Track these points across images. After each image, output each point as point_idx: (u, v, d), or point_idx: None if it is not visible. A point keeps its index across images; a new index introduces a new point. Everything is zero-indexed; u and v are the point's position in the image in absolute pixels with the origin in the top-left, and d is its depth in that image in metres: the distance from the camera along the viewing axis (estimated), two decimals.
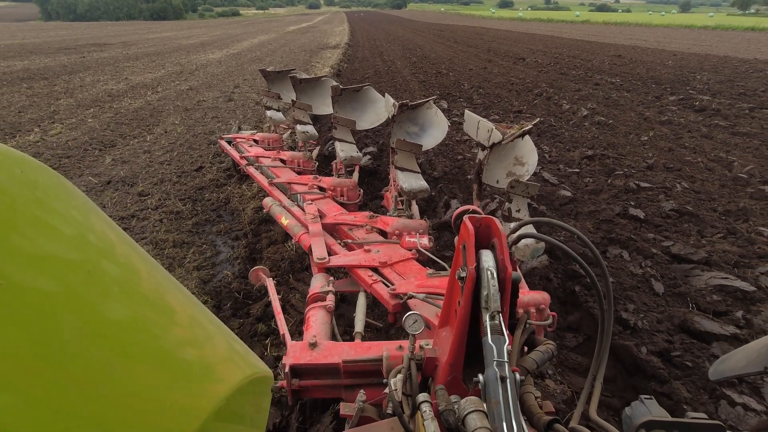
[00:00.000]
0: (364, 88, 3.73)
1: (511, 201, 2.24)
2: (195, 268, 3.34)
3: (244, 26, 42.78)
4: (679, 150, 5.67)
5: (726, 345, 2.31)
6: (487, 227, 1.25)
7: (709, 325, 2.44)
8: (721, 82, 10.67)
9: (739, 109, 7.89)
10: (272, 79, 4.92)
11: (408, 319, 1.32)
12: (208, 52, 20.38)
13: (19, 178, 0.50)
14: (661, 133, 6.48)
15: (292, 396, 1.66)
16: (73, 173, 5.31)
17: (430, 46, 22.27)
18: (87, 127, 7.57)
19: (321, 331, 1.88)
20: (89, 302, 0.50)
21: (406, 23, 47.34)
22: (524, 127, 2.36)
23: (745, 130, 6.51)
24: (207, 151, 6.08)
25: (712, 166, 5.05)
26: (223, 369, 0.62)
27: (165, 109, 9.07)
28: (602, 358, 1.30)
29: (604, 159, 5.30)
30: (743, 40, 26.27)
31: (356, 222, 2.82)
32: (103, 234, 0.59)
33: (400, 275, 2.24)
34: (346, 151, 3.41)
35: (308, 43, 23.79)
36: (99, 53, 19.94)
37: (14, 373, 0.42)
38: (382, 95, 3.62)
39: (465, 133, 3.17)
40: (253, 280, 2.47)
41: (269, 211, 3.33)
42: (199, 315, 0.68)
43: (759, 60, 15.62)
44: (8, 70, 14.48)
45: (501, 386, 0.95)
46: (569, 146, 5.94)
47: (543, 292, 1.97)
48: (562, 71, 13.30)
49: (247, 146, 4.59)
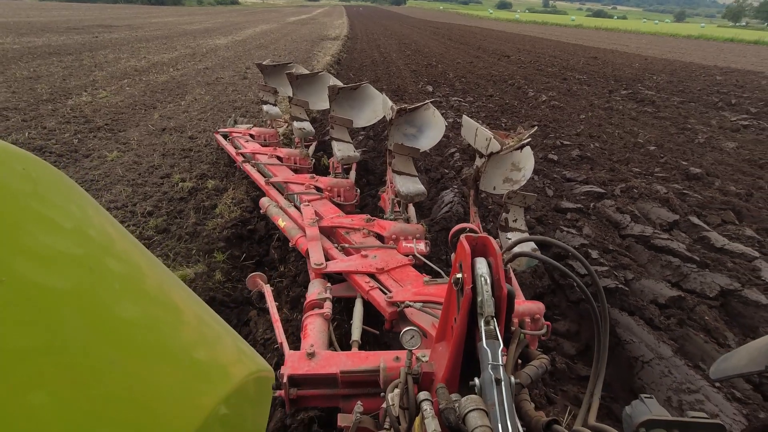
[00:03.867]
0: (361, 86, 3.72)
1: (508, 211, 2.26)
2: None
3: (245, 15, 43.73)
4: (605, 125, 7.29)
5: (575, 214, 3.89)
6: (483, 246, 1.27)
7: (568, 205, 4.04)
8: (670, 82, 12.36)
9: (671, 101, 9.56)
10: (269, 73, 4.82)
11: (405, 335, 1.35)
12: (215, 38, 21.51)
13: (20, 173, 0.49)
14: (598, 114, 8.11)
15: (290, 405, 1.68)
16: (131, 123, 6.75)
17: (424, 41, 23.73)
18: (127, 93, 8.96)
19: (318, 340, 1.89)
20: (97, 299, 0.49)
21: (404, 20, 48.71)
22: (522, 137, 2.37)
23: (664, 115, 8.17)
24: (234, 113, 7.54)
25: (623, 135, 6.68)
26: (234, 369, 0.62)
27: (189, 83, 10.47)
28: (600, 372, 1.32)
29: (545, 128, 6.91)
30: (717, 50, 28.15)
31: (354, 225, 2.81)
32: (102, 229, 0.58)
33: (396, 282, 2.24)
34: (343, 151, 3.39)
35: (309, 34, 25.05)
36: (109, 34, 20.87)
37: (27, 371, 0.41)
38: (380, 92, 3.65)
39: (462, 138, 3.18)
40: (251, 286, 2.45)
41: (266, 212, 3.31)
42: (205, 314, 0.66)
43: (717, 66, 17.39)
44: (31, 46, 15.57)
45: (496, 389, 0.96)
46: (522, 120, 7.53)
47: (538, 302, 2.03)
48: (539, 68, 14.90)
49: (243, 141, 4.54)
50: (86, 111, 7.34)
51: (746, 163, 5.66)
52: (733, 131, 7.30)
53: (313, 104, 4.16)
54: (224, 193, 4.33)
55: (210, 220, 3.79)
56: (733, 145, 6.36)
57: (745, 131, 7.34)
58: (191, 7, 60.16)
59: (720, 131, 7.29)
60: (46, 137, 5.84)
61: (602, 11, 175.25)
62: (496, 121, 7.32)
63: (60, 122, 6.54)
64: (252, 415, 0.69)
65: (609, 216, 3.90)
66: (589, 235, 3.52)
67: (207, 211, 3.99)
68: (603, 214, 3.95)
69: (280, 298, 2.87)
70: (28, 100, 7.77)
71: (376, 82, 10.39)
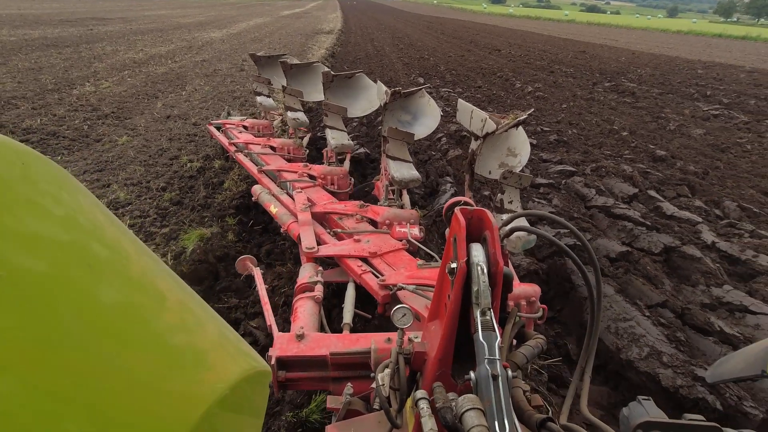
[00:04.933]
0: (356, 75, 3.68)
1: (503, 192, 2.24)
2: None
3: (238, 8, 43.67)
4: (585, 114, 7.76)
5: (546, 189, 4.35)
6: (479, 219, 1.23)
7: (542, 181, 4.51)
8: (652, 75, 12.85)
9: (650, 93, 10.05)
10: (263, 64, 4.80)
11: (396, 312, 1.32)
12: (209, 31, 21.69)
13: (9, 158, 0.49)
14: (579, 104, 8.57)
15: (279, 388, 1.66)
16: (137, 111, 7.10)
17: (418, 35, 24.06)
18: (128, 84, 9.28)
19: (309, 323, 1.87)
20: (80, 283, 0.49)
21: (398, 14, 48.90)
22: (518, 117, 2.34)
23: (642, 105, 8.66)
24: (233, 103, 7.91)
25: (600, 123, 7.15)
26: (214, 356, 0.61)
27: (187, 74, 10.79)
28: (590, 352, 1.28)
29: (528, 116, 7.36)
30: (705, 45, 28.76)
31: (346, 211, 2.80)
32: (92, 215, 0.57)
33: (389, 266, 2.23)
34: (337, 139, 3.37)
35: (303, 28, 25.27)
36: (103, 27, 20.91)
37: (8, 356, 0.41)
38: (374, 82, 3.58)
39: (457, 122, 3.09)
40: (240, 269, 2.43)
41: (257, 199, 3.30)
42: (189, 301, 0.66)
43: (700, 61, 17.93)
44: (27, 38, 15.70)
45: (493, 384, 0.95)
46: (507, 109, 7.96)
47: (534, 285, 2.00)
48: (528, 61, 15.34)
49: (237, 132, 4.52)
50: (92, 100, 7.67)
51: (709, 147, 6.15)
52: (704, 120, 7.80)
53: (308, 95, 4.12)
54: (230, 171, 4.74)
55: (219, 194, 4.19)
56: (700, 131, 6.85)
57: (715, 120, 7.84)
58: (183, 0, 59.77)
59: (691, 120, 7.78)
60: (58, 123, 6.18)
61: (596, 6, 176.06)
62: (483, 109, 7.74)
63: (68, 110, 6.88)
64: (250, 407, 0.69)
65: (577, 190, 4.37)
66: (558, 206, 3.97)
67: (215, 187, 4.39)
68: (572, 189, 4.41)
69: (284, 257, 3.29)
70: (34, 89, 8.08)
71: (370, 75, 10.70)
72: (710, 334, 2.48)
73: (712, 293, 2.84)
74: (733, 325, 2.54)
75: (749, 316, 2.60)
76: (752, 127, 7.30)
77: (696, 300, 2.82)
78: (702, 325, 2.54)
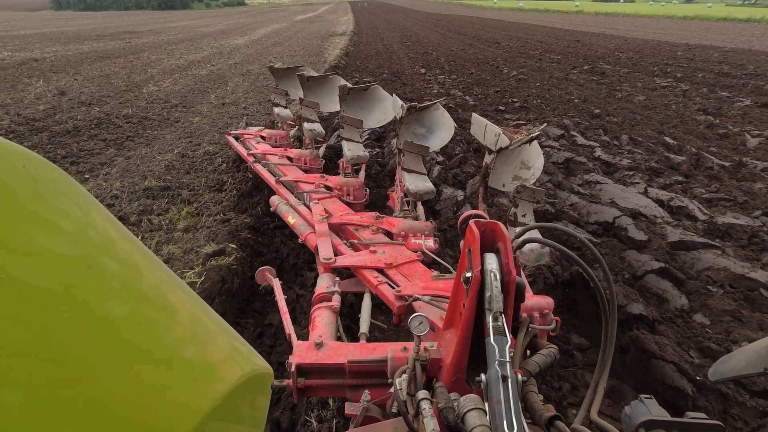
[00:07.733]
0: (371, 88, 3.79)
1: (517, 206, 2.25)
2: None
3: (254, 16, 45.86)
4: (554, 90, 9.50)
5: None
6: (492, 231, 1.27)
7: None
8: (630, 58, 14.39)
9: (619, 73, 11.67)
10: (280, 75, 4.98)
11: (414, 320, 1.37)
12: (233, 39, 23.74)
13: (21, 172, 0.50)
14: (552, 83, 10.30)
15: (298, 395, 1.72)
16: (197, 102, 9.17)
17: (425, 33, 25.79)
18: (182, 83, 11.41)
19: (327, 332, 1.94)
20: (88, 299, 0.50)
21: (407, 13, 50.51)
22: (531, 132, 2.38)
23: (605, 81, 10.34)
24: (268, 95, 9.93)
25: (563, 96, 8.89)
26: (224, 368, 0.62)
27: (226, 75, 12.89)
28: (606, 363, 1.32)
29: (505, 92, 9.15)
30: (704, 29, 29.46)
31: (362, 222, 2.87)
32: (104, 230, 0.59)
33: (405, 277, 2.28)
34: (353, 151, 3.45)
35: (318, 31, 27.26)
36: (138, 39, 23.00)
37: (13, 369, 0.42)
38: (390, 94, 3.65)
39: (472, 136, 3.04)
40: (260, 280, 2.47)
41: (276, 210, 3.37)
42: (201, 313, 0.68)
43: (687, 44, 19.19)
44: (80, 52, 17.96)
45: (502, 385, 0.97)
46: (490, 88, 9.76)
47: (547, 297, 2.02)
48: (522, 51, 17.00)
49: (255, 143, 4.66)
50: (160, 96, 9.79)
51: (640, 108, 7.84)
52: (651, 90, 9.43)
53: (324, 106, 4.26)
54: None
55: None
56: (642, 98, 8.52)
57: (662, 90, 9.47)
58: (200, 11, 60.92)
59: (641, 90, 9.43)
60: (145, 111, 8.29)
61: None
62: (470, 89, 9.58)
63: (147, 103, 9.00)
64: (248, 414, 0.70)
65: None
66: None
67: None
68: None
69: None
70: (113, 90, 10.25)
71: (379, 68, 12.66)
72: (577, 194, 4.32)
73: (584, 178, 4.66)
74: (588, 189, 4.36)
75: (599, 185, 4.42)
76: (688, 93, 8.92)
77: (575, 182, 4.64)
78: (570, 190, 4.38)
